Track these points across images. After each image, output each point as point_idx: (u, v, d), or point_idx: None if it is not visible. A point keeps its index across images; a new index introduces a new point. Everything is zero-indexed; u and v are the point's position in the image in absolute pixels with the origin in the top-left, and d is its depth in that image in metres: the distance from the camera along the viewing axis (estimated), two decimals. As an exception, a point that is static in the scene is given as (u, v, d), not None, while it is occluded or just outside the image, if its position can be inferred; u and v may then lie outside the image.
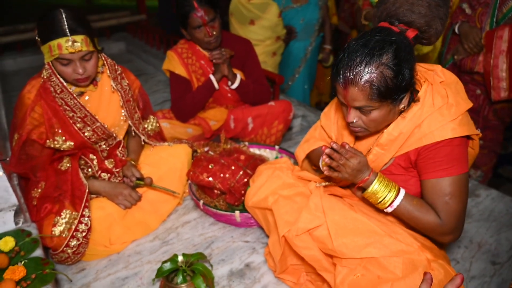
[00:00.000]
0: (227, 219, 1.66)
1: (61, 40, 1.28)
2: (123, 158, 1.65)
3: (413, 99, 1.08)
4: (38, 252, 1.21)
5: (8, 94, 3.14)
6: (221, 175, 1.70)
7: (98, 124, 1.49)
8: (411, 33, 1.06)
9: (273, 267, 1.41)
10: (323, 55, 3.30)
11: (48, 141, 1.44)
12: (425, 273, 0.76)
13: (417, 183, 1.14)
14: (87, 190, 1.47)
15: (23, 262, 1.14)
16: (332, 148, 1.08)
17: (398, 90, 0.99)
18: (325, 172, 1.15)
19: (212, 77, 2.00)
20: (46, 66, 1.40)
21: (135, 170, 1.61)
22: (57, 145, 1.46)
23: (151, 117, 1.81)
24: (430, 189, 1.07)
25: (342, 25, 3.39)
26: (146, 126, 1.78)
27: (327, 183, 1.30)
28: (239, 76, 2.04)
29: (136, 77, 1.73)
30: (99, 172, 1.61)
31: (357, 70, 0.97)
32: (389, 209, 1.09)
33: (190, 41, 2.03)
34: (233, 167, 1.71)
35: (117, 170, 1.63)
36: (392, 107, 1.03)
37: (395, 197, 1.07)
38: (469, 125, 1.08)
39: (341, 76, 1.00)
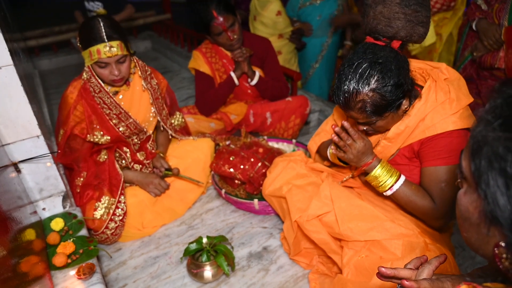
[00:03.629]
0: (247, 207, 1.80)
1: (100, 46, 1.45)
2: (153, 151, 1.83)
3: (415, 97, 1.16)
4: (83, 232, 1.41)
5: (46, 92, 3.39)
6: (241, 166, 1.85)
7: (131, 120, 1.67)
8: (395, 44, 1.14)
9: (288, 250, 1.55)
10: (343, 52, 3.33)
11: (88, 135, 1.63)
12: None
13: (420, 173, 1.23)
14: (122, 179, 1.65)
15: (72, 240, 1.33)
16: (342, 127, 1.19)
17: (391, 105, 1.09)
18: (333, 151, 1.26)
19: (232, 73, 2.14)
20: (86, 69, 1.58)
21: (163, 162, 1.78)
22: (96, 139, 1.65)
23: (177, 113, 1.97)
24: (428, 176, 1.16)
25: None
26: (173, 121, 1.94)
27: (350, 176, 1.41)
28: (257, 73, 2.17)
29: (162, 74, 1.89)
30: (132, 163, 1.79)
31: (350, 98, 1.08)
32: (389, 192, 1.19)
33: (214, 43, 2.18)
34: (252, 159, 1.85)
35: (148, 161, 1.81)
36: (393, 114, 1.12)
37: (395, 182, 1.17)
38: (470, 119, 1.15)
39: (339, 101, 1.12)
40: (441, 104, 1.13)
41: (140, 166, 1.81)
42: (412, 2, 1.11)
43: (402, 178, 1.19)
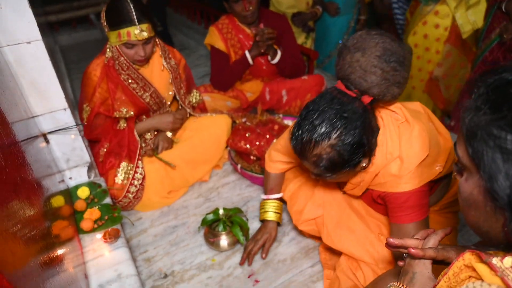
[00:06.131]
0: (262, 182, 1.86)
1: (131, 29, 1.50)
2: None
3: (373, 155, 1.08)
4: (108, 200, 1.49)
5: (67, 67, 3.48)
6: (257, 142, 1.89)
7: (152, 89, 1.74)
8: (366, 99, 1.02)
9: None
10: (358, 26, 3.27)
11: (115, 112, 1.70)
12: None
13: None
14: (139, 146, 1.73)
15: (97, 207, 1.42)
16: None
17: (348, 163, 1.00)
18: None
19: (247, 53, 2.16)
20: (112, 47, 1.61)
21: (161, 142, 1.84)
22: (122, 115, 1.72)
23: (194, 90, 2.02)
24: (396, 231, 1.12)
25: None
26: (191, 100, 1.99)
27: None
28: (279, 52, 2.17)
29: (179, 51, 1.93)
30: None
31: (307, 148, 1.00)
32: None
33: (230, 14, 2.18)
34: (267, 136, 1.89)
35: None
36: (349, 170, 1.03)
37: None
38: (422, 175, 1.06)
39: (295, 148, 1.04)
40: (393, 162, 1.07)
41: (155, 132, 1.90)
42: (393, 59, 0.99)
43: None
